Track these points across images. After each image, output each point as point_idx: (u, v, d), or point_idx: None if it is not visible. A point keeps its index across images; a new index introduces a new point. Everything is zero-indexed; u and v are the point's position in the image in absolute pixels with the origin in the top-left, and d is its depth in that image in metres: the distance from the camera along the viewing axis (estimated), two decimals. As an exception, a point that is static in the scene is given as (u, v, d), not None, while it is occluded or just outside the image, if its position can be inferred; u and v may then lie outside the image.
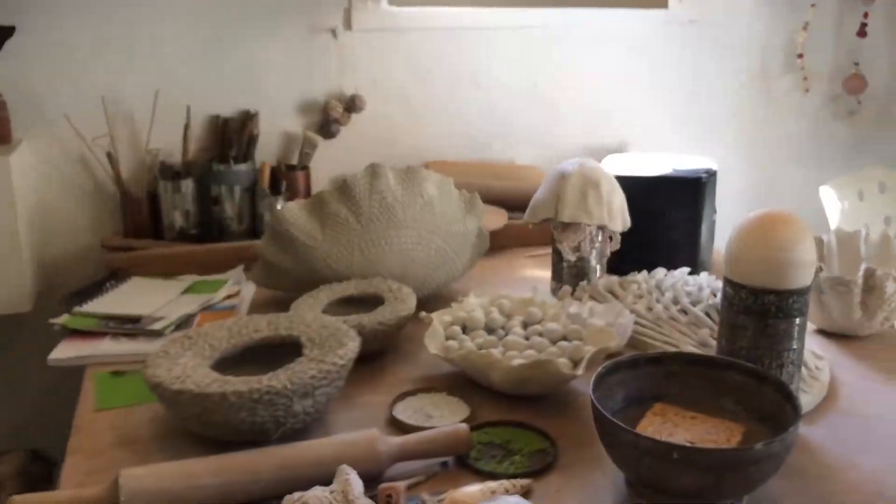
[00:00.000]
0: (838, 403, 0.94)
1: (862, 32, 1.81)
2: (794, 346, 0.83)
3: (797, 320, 0.82)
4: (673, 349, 1.04)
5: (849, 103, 1.86)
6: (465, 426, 0.81)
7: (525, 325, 1.05)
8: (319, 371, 0.81)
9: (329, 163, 1.58)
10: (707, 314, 1.07)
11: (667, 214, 1.34)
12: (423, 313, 1.02)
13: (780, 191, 1.87)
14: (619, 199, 1.23)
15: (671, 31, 1.77)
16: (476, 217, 1.23)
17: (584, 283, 1.22)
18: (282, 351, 0.91)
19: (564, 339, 0.99)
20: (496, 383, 0.93)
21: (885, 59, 1.88)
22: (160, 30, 1.46)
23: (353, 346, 0.88)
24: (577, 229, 1.21)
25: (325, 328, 0.92)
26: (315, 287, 1.15)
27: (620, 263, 1.33)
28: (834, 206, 1.60)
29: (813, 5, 1.77)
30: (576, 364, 0.92)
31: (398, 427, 0.88)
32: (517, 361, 0.90)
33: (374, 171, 1.16)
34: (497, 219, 1.53)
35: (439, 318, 1.04)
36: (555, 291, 1.27)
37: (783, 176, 1.89)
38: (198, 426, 0.81)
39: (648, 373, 0.84)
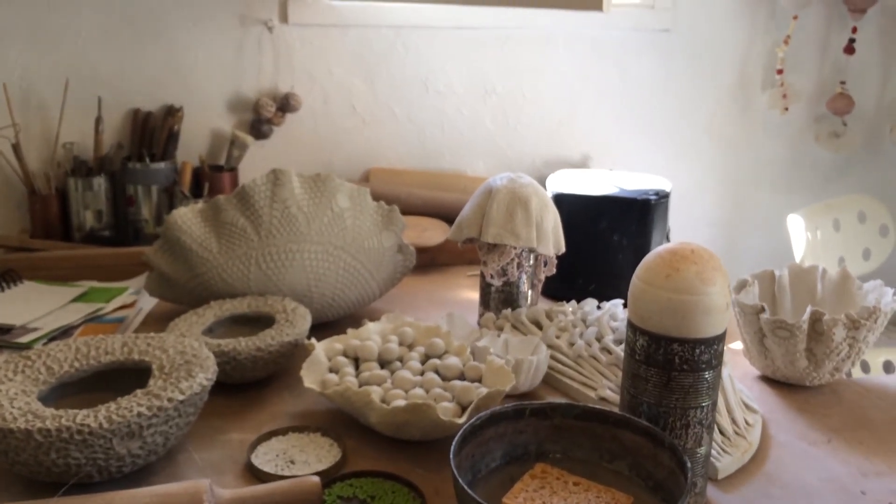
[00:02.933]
0: (764, 468, 0.83)
1: (850, 49, 1.71)
2: (704, 404, 0.72)
3: (707, 374, 0.71)
4: (589, 392, 0.93)
5: (833, 124, 1.76)
6: (314, 479, 0.71)
7: (425, 358, 0.94)
8: (150, 408, 0.71)
9: (260, 165, 1.48)
10: (631, 355, 0.96)
11: (612, 238, 1.24)
12: (308, 340, 0.92)
13: (751, 217, 1.77)
14: (551, 220, 1.13)
15: (643, 39, 1.67)
16: (394, 232, 1.13)
17: (507, 311, 1.12)
18: (137, 378, 0.81)
19: (462, 376, 0.89)
20: (374, 425, 0.83)
21: (874, 77, 1.78)
22: (74, 14, 1.37)
23: (202, 378, 0.78)
24: (503, 251, 1.10)
25: (183, 354, 0.82)
26: (207, 302, 1.05)
27: (560, 289, 1.24)
28: (801, 236, 1.50)
29: (795, 17, 1.67)
30: (464, 409, 0.82)
31: (253, 474, 0.78)
32: (395, 403, 0.80)
33: (276, 177, 1.06)
34: (437, 234, 1.43)
35: (328, 346, 0.94)
36: (480, 318, 1.17)
37: (756, 201, 1.78)
38: (8, 464, 0.72)
39: (534, 426, 0.74)
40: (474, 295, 1.31)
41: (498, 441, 0.72)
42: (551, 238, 1.13)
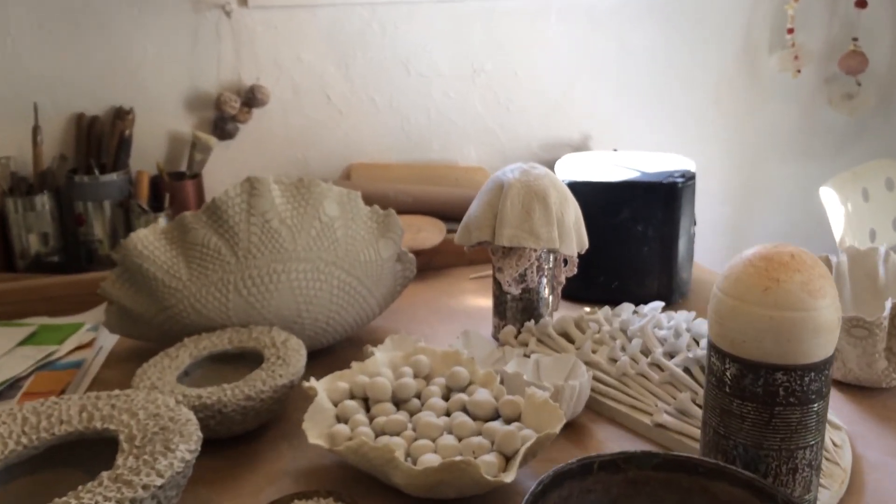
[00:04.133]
0: (866, 499, 0.71)
1: (861, 2, 1.58)
2: (813, 442, 0.59)
3: (816, 406, 0.58)
4: (642, 417, 0.80)
5: (846, 85, 1.64)
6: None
7: (447, 391, 0.80)
8: (120, 501, 0.56)
9: (226, 169, 1.33)
10: (687, 370, 0.83)
11: (635, 229, 1.11)
12: (307, 382, 0.78)
13: (766, 191, 1.66)
14: (572, 215, 0.99)
15: (641, 5, 1.53)
16: (393, 240, 0.99)
17: (530, 322, 0.98)
18: (101, 452, 0.66)
19: (496, 414, 0.75)
20: (401, 486, 0.68)
21: (888, 32, 1.66)
22: (0, 9, 1.19)
23: (183, 451, 0.63)
24: (521, 255, 0.96)
25: (157, 418, 0.67)
26: (180, 338, 0.90)
27: (580, 289, 1.10)
28: (837, 209, 1.37)
29: (804, -29, 1.55)
30: (508, 459, 0.68)
31: (255, 561, 0.63)
32: (426, 460, 0.66)
33: (252, 186, 0.91)
34: (433, 234, 1.29)
35: (331, 386, 0.79)
36: (496, 332, 1.03)
37: (770, 174, 1.67)
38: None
39: (604, 483, 0.60)
40: (484, 302, 1.17)
41: (565, 506, 0.58)
42: (574, 235, 0.99)
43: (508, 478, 0.64)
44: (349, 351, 1.00)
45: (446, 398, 0.80)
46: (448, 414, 0.76)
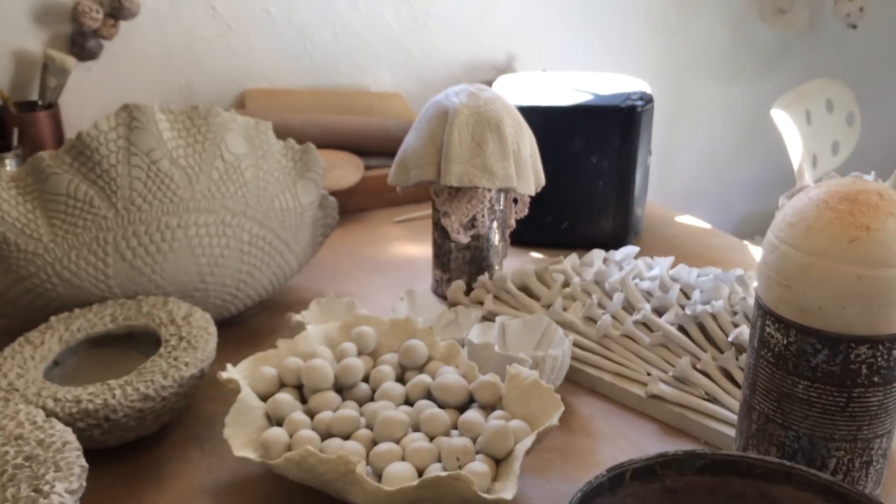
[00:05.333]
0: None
1: None
2: (890, 427, 0.48)
3: (897, 384, 0.47)
4: (632, 387, 0.68)
5: (779, 0, 1.55)
6: None
7: (402, 371, 0.65)
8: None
9: (90, 97, 1.10)
10: (682, 329, 0.71)
11: (588, 161, 0.98)
12: (223, 373, 0.60)
13: (693, 114, 1.56)
14: (528, 146, 0.85)
15: None
16: (314, 182, 0.81)
17: (484, 276, 0.84)
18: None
19: (471, 400, 0.61)
20: (360, 506, 0.53)
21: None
22: None
23: (60, 492, 0.45)
24: (472, 196, 0.81)
25: (19, 442, 0.49)
26: (45, 318, 0.70)
27: (524, 232, 0.96)
28: (793, 133, 1.29)
29: None
30: (497, 461, 0.54)
31: None
32: (395, 476, 0.51)
33: (131, 117, 0.71)
34: (349, 172, 1.11)
35: (254, 374, 0.62)
36: (439, 287, 0.88)
37: (697, 94, 1.57)
38: None
39: (637, 495, 0.47)
40: (416, 250, 1.02)
41: (595, 532, 0.45)
42: (531, 170, 0.85)
43: (508, 493, 0.50)
44: (265, 319, 0.83)
45: (401, 380, 0.65)
46: (409, 402, 0.61)
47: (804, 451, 0.48)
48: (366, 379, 0.64)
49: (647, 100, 0.98)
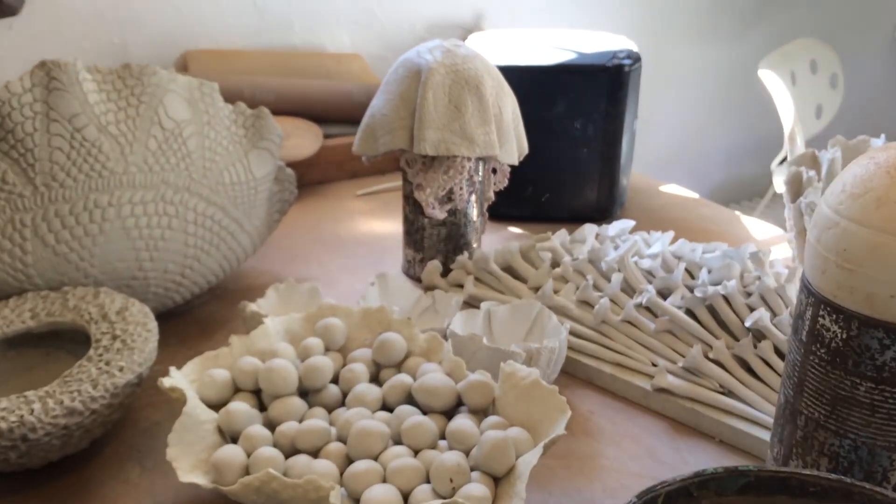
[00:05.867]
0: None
1: None
2: (963, 434, 0.41)
3: (976, 383, 0.40)
4: (637, 380, 0.60)
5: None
6: None
7: (377, 369, 0.57)
8: None
9: (11, 59, 0.98)
10: (690, 313, 0.64)
11: (571, 127, 0.89)
12: (165, 379, 0.51)
13: (672, 75, 1.48)
14: (510, 109, 0.76)
15: None
16: (269, 152, 0.71)
17: (462, 256, 0.75)
18: None
19: (459, 402, 0.52)
20: (334, 536, 0.45)
21: None
22: None
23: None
24: (450, 167, 0.72)
25: None
26: (-46, 314, 0.60)
27: (501, 205, 0.88)
28: (783, 95, 1.22)
29: None
30: (495, 479, 0.46)
31: None
32: (375, 503, 0.43)
33: (50, 76, 0.60)
34: (308, 140, 1.01)
35: (201, 378, 0.53)
36: (411, 268, 0.79)
37: (673, 57, 1.49)
38: None
39: (676, 524, 0.39)
40: (382, 227, 0.93)
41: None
42: (513, 136, 0.76)
43: (513, 521, 0.42)
44: (215, 310, 0.74)
45: (376, 380, 0.56)
46: (387, 407, 0.53)
47: (862, 462, 0.41)
48: (335, 380, 0.56)
49: (635, 58, 0.90)
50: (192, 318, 0.72)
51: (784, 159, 1.27)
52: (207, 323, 0.71)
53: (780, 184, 1.34)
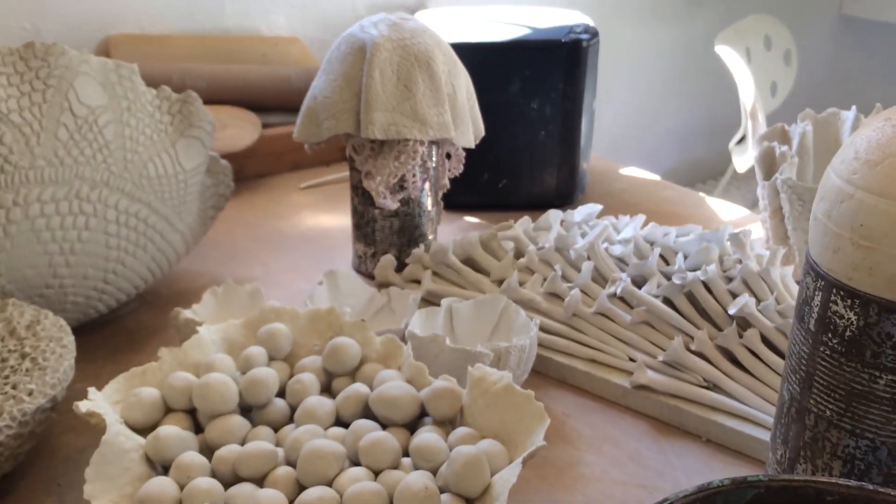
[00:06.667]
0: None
1: None
2: None
3: None
4: (614, 377, 0.55)
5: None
6: None
7: (329, 379, 0.51)
8: None
9: None
10: (668, 302, 0.59)
11: (528, 107, 0.84)
12: (82, 403, 0.44)
13: (623, 55, 1.44)
14: (465, 88, 0.71)
15: None
16: (199, 141, 0.65)
17: (418, 248, 0.70)
18: None
19: (423, 413, 0.47)
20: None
21: None
22: None
23: None
24: (401, 151, 0.67)
25: None
26: None
27: (455, 193, 0.82)
28: (742, 70, 1.18)
29: None
30: (469, 501, 0.41)
31: None
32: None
33: (-63, 58, 0.53)
34: (245, 130, 0.95)
35: (126, 399, 0.46)
36: (362, 263, 0.73)
37: (623, 36, 1.45)
38: None
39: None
40: (329, 221, 0.87)
41: None
42: (469, 117, 0.71)
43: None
44: (145, 318, 0.67)
45: (328, 390, 0.50)
46: (341, 422, 0.47)
47: (881, 465, 0.37)
48: (281, 394, 0.50)
49: (593, 33, 0.85)
50: (120, 329, 0.65)
51: (742, 138, 1.25)
52: (137, 333, 0.64)
53: (740, 163, 1.31)
